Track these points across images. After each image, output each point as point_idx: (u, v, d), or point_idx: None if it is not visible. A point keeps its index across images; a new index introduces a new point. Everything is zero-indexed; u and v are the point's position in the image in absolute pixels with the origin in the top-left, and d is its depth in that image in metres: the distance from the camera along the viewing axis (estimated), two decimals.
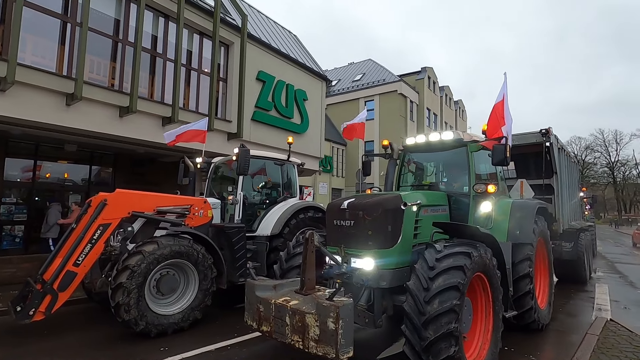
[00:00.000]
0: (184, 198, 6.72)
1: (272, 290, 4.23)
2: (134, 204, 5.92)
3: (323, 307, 3.43)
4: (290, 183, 8.33)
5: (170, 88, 10.51)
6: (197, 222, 6.59)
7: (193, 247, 5.73)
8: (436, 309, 3.69)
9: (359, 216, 4.62)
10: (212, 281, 5.93)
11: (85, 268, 5.35)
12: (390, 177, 6.84)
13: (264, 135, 13.14)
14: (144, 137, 9.78)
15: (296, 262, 5.37)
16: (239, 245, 6.55)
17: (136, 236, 5.98)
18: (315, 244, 4.07)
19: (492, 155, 5.39)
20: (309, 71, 15.62)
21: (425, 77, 32.87)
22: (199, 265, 5.79)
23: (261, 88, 13.16)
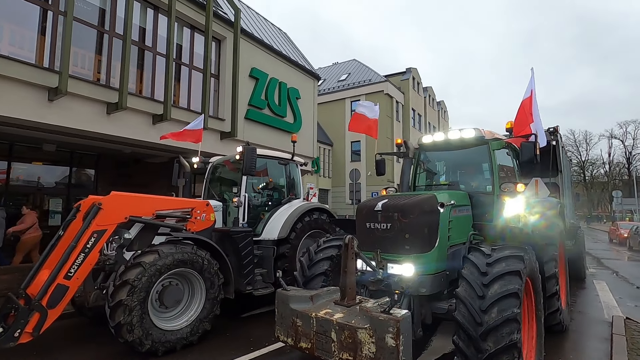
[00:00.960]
0: (185, 200, 6.11)
1: (308, 302, 3.73)
2: (131, 207, 5.28)
3: (380, 322, 3.02)
4: (294, 183, 7.80)
5: (160, 84, 9.82)
6: (199, 226, 5.98)
7: (197, 254, 5.14)
8: (495, 318, 3.33)
9: (394, 218, 4.25)
10: (219, 289, 5.35)
11: (78, 281, 4.68)
12: (407, 177, 6.43)
13: (258, 134, 12.54)
14: (133, 136, 9.06)
15: (320, 268, 4.89)
16: (246, 250, 5.99)
17: (133, 243, 5.35)
18: (355, 250, 3.64)
19: (521, 153, 5.09)
20: (301, 69, 15.10)
21: (410, 78, 32.82)
22: (205, 273, 5.20)
23: (254, 85, 12.56)
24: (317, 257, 5.00)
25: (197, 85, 10.95)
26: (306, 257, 5.13)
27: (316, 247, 5.17)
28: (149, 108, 9.34)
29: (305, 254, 5.23)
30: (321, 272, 4.81)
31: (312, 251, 5.14)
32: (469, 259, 3.88)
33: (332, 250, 5.06)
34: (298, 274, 5.06)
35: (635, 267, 14.64)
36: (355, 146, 30.40)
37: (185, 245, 5.14)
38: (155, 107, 9.43)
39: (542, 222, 5.39)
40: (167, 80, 9.34)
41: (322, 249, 5.08)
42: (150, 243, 5.51)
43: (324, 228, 7.45)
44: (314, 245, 5.24)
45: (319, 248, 5.12)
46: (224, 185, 7.68)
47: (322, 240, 5.27)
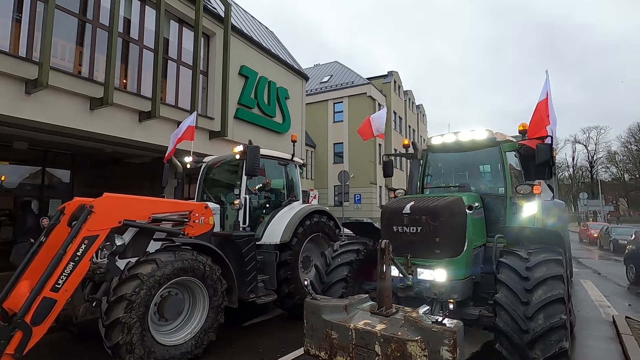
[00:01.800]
0: (183, 203, 5.60)
1: (342, 312, 3.40)
2: (125, 210, 4.74)
3: (433, 333, 2.79)
4: (293, 185, 7.39)
5: (147, 79, 9.20)
6: (198, 230, 5.48)
7: (198, 260, 4.67)
8: (542, 325, 3.19)
9: (423, 221, 4.07)
10: (223, 295, 4.90)
11: (67, 293, 4.12)
12: (415, 179, 6.17)
13: (247, 134, 11.99)
14: (118, 134, 8.41)
15: (339, 274, 4.56)
16: (249, 256, 5.54)
17: (126, 250, 4.82)
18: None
19: (537, 155, 4.96)
20: (289, 68, 14.69)
21: (392, 81, 32.90)
22: (207, 280, 4.73)
23: (244, 84, 12.06)
24: (335, 263, 4.66)
25: (184, 82, 10.37)
26: (323, 263, 4.77)
27: (332, 252, 4.82)
28: (135, 104, 8.71)
29: (321, 258, 4.87)
30: (341, 279, 4.50)
31: (329, 256, 4.79)
32: (506, 263, 3.72)
33: (350, 255, 4.74)
34: (314, 280, 4.70)
35: (611, 265, 15.04)
36: (337, 148, 30.15)
37: (184, 252, 4.66)
38: (142, 104, 8.81)
39: (560, 224, 5.30)
40: (155, 75, 8.76)
41: (340, 254, 4.75)
42: (145, 249, 5.01)
43: (324, 231, 7.08)
44: (330, 250, 4.90)
45: (337, 253, 4.78)
46: (220, 187, 7.19)
47: (338, 245, 4.93)
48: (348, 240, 5.06)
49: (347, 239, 5.16)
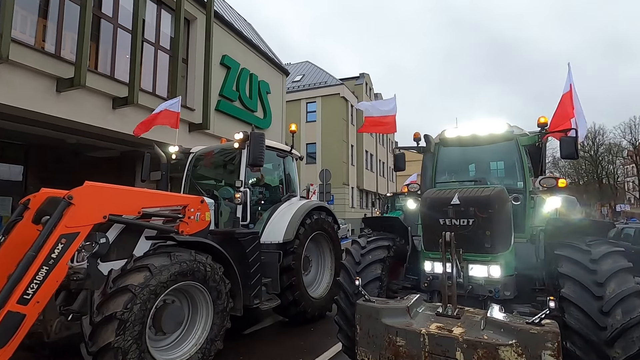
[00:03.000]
0: (177, 196, 4.79)
1: (405, 315, 2.92)
2: (111, 203, 3.89)
3: (532, 335, 2.42)
4: (290, 179, 6.71)
5: (121, 61, 8.18)
6: (193, 227, 4.67)
7: (197, 260, 3.89)
8: (621, 321, 2.89)
9: (472, 213, 3.68)
10: (227, 296, 4.15)
11: (39, 306, 3.23)
12: (429, 173, 5.74)
13: (228, 128, 11.14)
14: (88, 121, 7.36)
15: (373, 273, 3.99)
16: (254, 256, 4.81)
17: (110, 251, 3.97)
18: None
19: (560, 148, 4.71)
20: (271, 62, 13.94)
21: (363, 83, 32.80)
22: (209, 281, 3.96)
23: (225, 75, 11.20)
24: (367, 260, 4.09)
25: (162, 68, 9.39)
26: (351, 261, 4.17)
27: (360, 249, 4.27)
28: (109, 89, 7.68)
29: (348, 258, 4.27)
30: (375, 277, 3.94)
31: (357, 253, 4.22)
32: (565, 255, 3.42)
33: (381, 251, 4.19)
34: (342, 280, 4.09)
35: None
36: (310, 148, 29.55)
37: (180, 252, 3.86)
38: (116, 89, 7.80)
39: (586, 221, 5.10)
40: (133, 58, 7.77)
41: (370, 251, 4.21)
42: (132, 250, 4.18)
43: (325, 229, 6.45)
44: (356, 247, 4.33)
45: (366, 250, 4.23)
46: (212, 180, 6.39)
47: (365, 240, 4.37)
48: (375, 235, 4.49)
49: (373, 234, 4.59)
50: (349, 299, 3.91)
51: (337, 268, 6.65)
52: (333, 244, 6.68)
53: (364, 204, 33.66)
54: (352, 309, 3.93)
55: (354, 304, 3.93)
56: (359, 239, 4.47)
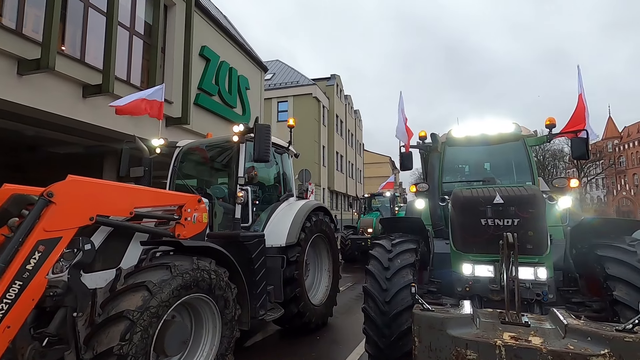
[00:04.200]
0: (172, 195, 4.13)
1: (471, 325, 2.57)
2: (99, 202, 3.21)
3: (628, 344, 2.16)
4: (288, 177, 6.18)
5: (92, 45, 7.28)
6: (190, 230, 4.02)
7: (200, 268, 3.30)
8: None
9: (512, 212, 3.49)
10: (235, 304, 3.57)
11: (10, 331, 2.54)
12: (437, 173, 5.45)
13: (206, 124, 10.38)
14: (54, 110, 6.43)
15: (404, 279, 3.57)
16: (260, 262, 4.25)
17: (96, 260, 3.29)
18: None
19: (572, 149, 4.77)
20: (250, 57, 13.24)
21: (335, 84, 32.55)
22: (215, 290, 3.37)
23: (205, 67, 10.42)
24: (396, 265, 3.68)
25: (137, 55, 8.52)
26: (378, 267, 3.74)
27: (386, 253, 3.85)
28: (79, 75, 6.78)
29: (373, 263, 3.82)
30: (408, 284, 3.53)
31: (383, 258, 3.80)
32: (612, 257, 3.29)
33: (409, 255, 3.79)
34: (371, 287, 3.65)
35: None
36: None
37: (181, 261, 3.25)
38: (87, 75, 6.90)
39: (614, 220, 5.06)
40: (109, 43, 6.91)
41: (397, 255, 3.79)
42: (121, 258, 3.52)
43: (325, 231, 5.98)
44: (381, 250, 3.90)
45: (393, 254, 3.82)
46: (203, 177, 5.74)
47: (389, 244, 3.95)
48: (399, 238, 4.08)
49: (395, 236, 4.18)
50: (380, 308, 3.50)
51: (335, 270, 6.23)
52: (330, 245, 6.23)
53: (335, 205, 33.42)
54: (383, 319, 3.53)
55: (386, 313, 3.54)
56: (382, 241, 4.07)
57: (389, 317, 3.47)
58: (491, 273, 3.44)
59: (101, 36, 7.13)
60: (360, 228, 13.03)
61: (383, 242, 4.01)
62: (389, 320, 3.45)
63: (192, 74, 9.71)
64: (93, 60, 7.25)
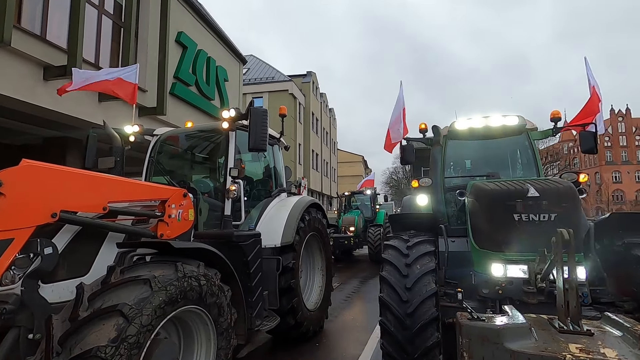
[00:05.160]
0: (154, 187, 3.47)
1: (529, 336, 2.15)
2: (63, 194, 2.56)
3: None
4: (278, 171, 5.61)
5: (55, 21, 6.40)
6: (175, 229, 3.37)
7: (187, 276, 2.68)
8: None
9: (545, 207, 3.16)
10: (230, 308, 2.98)
11: None
12: (439, 166, 5.08)
13: (183, 116, 9.54)
14: (9, 93, 5.54)
15: (427, 287, 3.16)
16: (256, 265, 3.68)
17: (59, 266, 2.63)
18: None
19: (580, 142, 4.58)
20: (228, 47, 12.47)
21: (311, 81, 31.99)
22: (207, 297, 2.77)
23: (181, 55, 9.62)
24: (416, 272, 3.23)
25: (106, 37, 7.66)
26: (395, 274, 3.26)
27: (402, 257, 3.39)
28: (40, 54, 5.90)
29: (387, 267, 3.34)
30: (432, 294, 3.10)
31: (400, 263, 3.32)
32: None
33: (428, 260, 3.34)
34: (388, 297, 3.17)
35: None
36: None
37: (163, 269, 2.61)
38: (49, 55, 6.03)
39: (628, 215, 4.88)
40: (75, 19, 6.07)
41: (416, 259, 3.33)
42: (92, 264, 2.87)
43: (319, 230, 5.48)
44: (395, 254, 3.43)
45: (411, 258, 3.36)
46: (185, 170, 5.08)
47: (404, 246, 3.49)
48: (415, 238, 3.61)
49: (408, 235, 3.71)
50: (401, 323, 3.04)
51: (328, 269, 5.74)
52: (323, 242, 5.73)
53: None
54: (405, 334, 3.07)
55: (409, 327, 3.08)
56: (394, 242, 3.61)
57: (412, 332, 3.02)
58: (524, 273, 3.06)
59: (65, 11, 6.28)
60: (342, 226, 12.61)
61: (397, 244, 3.56)
62: (412, 335, 3.00)
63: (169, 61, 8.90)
64: (56, 38, 6.37)
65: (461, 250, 4.06)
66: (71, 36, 6.26)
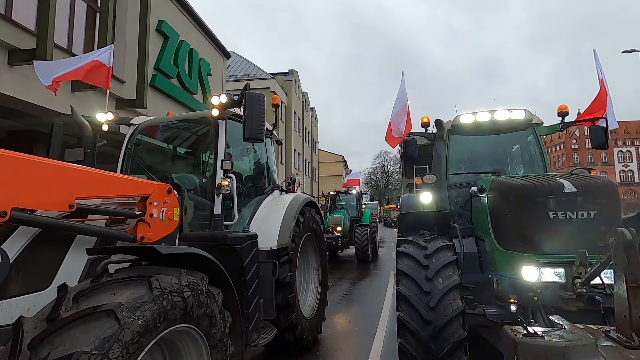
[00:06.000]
0: (133, 182, 2.90)
1: (597, 355, 1.78)
2: (17, 187, 2.00)
3: None
4: (270, 167, 5.11)
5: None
6: (158, 231, 2.83)
7: (166, 291, 2.09)
8: None
9: (580, 204, 2.83)
10: (222, 315, 2.45)
11: None
12: (443, 162, 4.74)
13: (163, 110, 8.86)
14: None
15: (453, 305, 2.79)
16: (252, 271, 3.18)
17: (11, 278, 2.08)
18: None
19: (591, 137, 4.37)
20: (211, 40, 11.82)
21: (293, 80, 31.40)
22: (194, 311, 2.22)
23: (163, 45, 8.94)
24: (439, 286, 2.82)
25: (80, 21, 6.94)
26: (415, 291, 2.84)
27: (422, 269, 2.96)
28: (4, 35, 5.19)
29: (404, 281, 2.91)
30: (460, 312, 2.70)
31: (421, 277, 2.90)
32: None
33: (452, 270, 2.95)
34: (407, 317, 2.74)
35: None
36: None
37: (134, 287, 2.03)
38: (15, 36, 5.33)
39: None
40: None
41: (439, 271, 2.91)
42: (54, 275, 2.30)
43: (313, 230, 5.01)
44: (413, 265, 3.00)
45: (430, 250, 2.99)
46: (167, 163, 4.51)
47: (422, 254, 3.06)
48: (433, 242, 3.19)
49: (424, 237, 3.29)
50: (423, 316, 2.67)
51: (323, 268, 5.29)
52: (319, 243, 5.28)
53: None
54: (428, 329, 2.65)
55: (430, 322, 2.68)
56: (410, 237, 3.21)
57: (436, 328, 2.62)
58: (561, 278, 2.72)
59: None
60: (329, 227, 12.18)
61: (412, 238, 3.23)
62: (436, 332, 2.61)
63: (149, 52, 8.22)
64: (23, 19, 5.65)
65: (470, 251, 3.72)
66: (41, 18, 5.57)
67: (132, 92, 7.55)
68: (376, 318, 5.71)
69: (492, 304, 3.20)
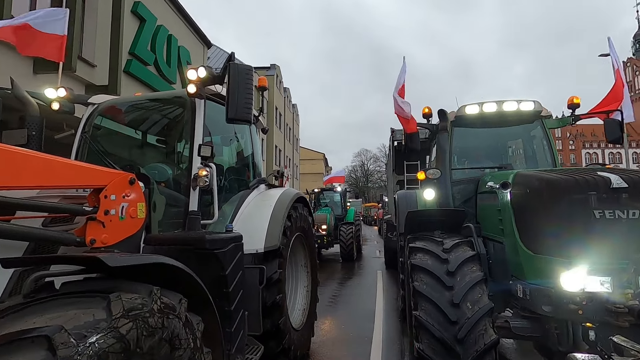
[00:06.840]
0: (82, 168, 2.24)
1: None
2: None
3: None
4: (256, 158, 4.48)
5: None
6: (116, 233, 2.18)
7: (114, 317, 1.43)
8: None
9: (624, 201, 2.42)
10: (202, 351, 1.81)
11: None
12: (447, 156, 4.31)
13: None
14: None
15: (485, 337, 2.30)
16: (236, 281, 2.57)
17: None
18: None
19: (605, 131, 3.97)
20: (192, 27, 11.01)
21: (275, 75, 30.56)
22: (166, 346, 1.61)
23: (138, 29, 8.12)
24: (468, 314, 2.36)
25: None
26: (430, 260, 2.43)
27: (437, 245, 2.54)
28: None
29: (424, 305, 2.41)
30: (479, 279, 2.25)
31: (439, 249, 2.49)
32: None
33: (482, 290, 2.49)
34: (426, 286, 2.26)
35: None
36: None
37: (85, 306, 1.38)
38: None
39: None
40: None
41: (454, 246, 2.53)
42: None
43: (303, 229, 4.43)
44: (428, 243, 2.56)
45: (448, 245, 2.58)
46: (126, 152, 3.83)
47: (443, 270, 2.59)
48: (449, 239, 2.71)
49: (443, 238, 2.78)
50: (446, 315, 2.26)
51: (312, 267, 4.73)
52: (308, 243, 4.71)
53: None
54: (452, 330, 2.29)
55: (455, 323, 2.36)
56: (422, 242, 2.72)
57: (461, 330, 2.15)
58: (609, 287, 2.27)
59: None
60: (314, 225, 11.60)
61: (427, 234, 2.80)
62: (462, 334, 2.14)
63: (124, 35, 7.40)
64: None
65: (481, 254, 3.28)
66: None
67: (104, 78, 6.74)
68: (370, 321, 5.24)
69: (516, 315, 2.74)
